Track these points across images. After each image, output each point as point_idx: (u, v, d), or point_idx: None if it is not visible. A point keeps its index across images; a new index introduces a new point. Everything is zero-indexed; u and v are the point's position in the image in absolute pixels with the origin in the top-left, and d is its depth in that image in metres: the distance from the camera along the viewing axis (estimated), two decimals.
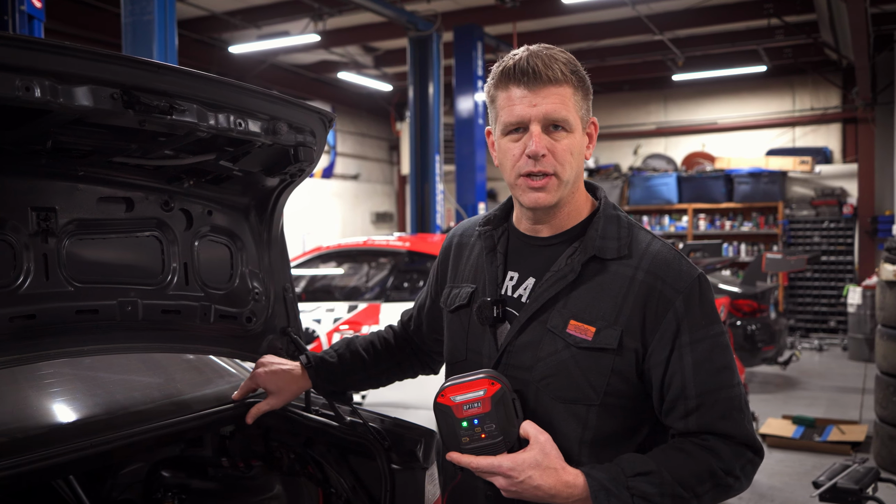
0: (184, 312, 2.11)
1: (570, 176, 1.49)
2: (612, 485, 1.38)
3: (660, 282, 1.47)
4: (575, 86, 1.48)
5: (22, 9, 4.58)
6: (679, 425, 1.47)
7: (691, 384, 1.45)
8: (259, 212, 2.25)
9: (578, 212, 1.57)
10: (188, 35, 10.84)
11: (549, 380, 1.47)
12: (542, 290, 1.51)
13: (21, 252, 1.79)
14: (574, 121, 1.48)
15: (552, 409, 1.47)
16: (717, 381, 1.46)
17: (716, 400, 1.45)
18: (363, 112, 15.77)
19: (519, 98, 1.46)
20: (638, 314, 1.46)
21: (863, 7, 7.33)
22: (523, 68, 1.45)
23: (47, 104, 1.49)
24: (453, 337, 1.69)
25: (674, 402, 1.46)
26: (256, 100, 1.85)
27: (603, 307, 1.47)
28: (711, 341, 1.47)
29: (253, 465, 2.51)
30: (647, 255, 1.50)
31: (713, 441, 1.45)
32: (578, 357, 1.46)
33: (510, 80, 1.47)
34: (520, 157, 1.48)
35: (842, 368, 9.79)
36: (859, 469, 4.22)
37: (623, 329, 1.45)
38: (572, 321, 1.47)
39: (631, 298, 1.46)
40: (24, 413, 2.25)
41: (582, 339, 1.46)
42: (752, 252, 12.70)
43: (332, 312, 5.65)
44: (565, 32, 11.14)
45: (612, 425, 1.48)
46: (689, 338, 1.45)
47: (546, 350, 1.48)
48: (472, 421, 1.44)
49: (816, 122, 13.34)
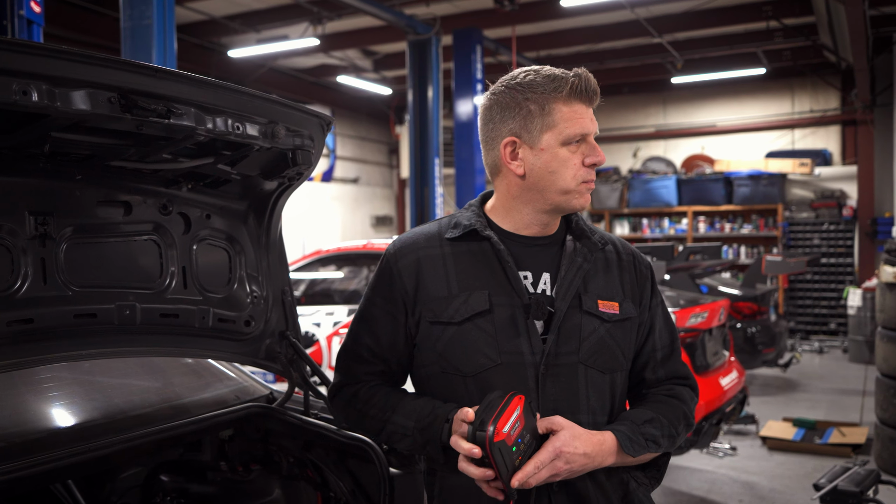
0: (182, 316, 2.10)
1: None
2: (632, 433, 1.62)
3: (635, 259, 1.78)
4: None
5: (21, 13, 4.58)
6: (651, 375, 1.77)
7: (658, 339, 1.77)
8: (257, 215, 2.25)
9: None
10: (187, 39, 10.85)
11: (595, 356, 1.64)
12: (570, 280, 1.66)
13: (19, 256, 1.79)
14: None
15: (600, 381, 1.66)
16: (672, 334, 1.81)
17: (673, 349, 1.80)
18: (363, 116, 15.78)
19: (582, 113, 1.62)
20: (635, 286, 1.75)
21: (861, 9, 7.34)
22: (593, 88, 1.62)
23: (45, 108, 1.49)
24: (472, 345, 1.61)
25: (647, 354, 1.76)
26: (254, 103, 1.86)
27: (612, 286, 1.71)
28: (664, 304, 1.83)
29: (252, 468, 2.51)
30: (615, 241, 1.80)
31: (677, 388, 1.76)
32: (612, 330, 1.67)
33: (577, 95, 1.61)
34: (580, 167, 1.63)
35: (842, 371, 9.78)
36: (860, 471, 4.22)
37: (632, 300, 1.72)
38: (600, 301, 1.67)
39: (626, 275, 1.74)
40: (23, 417, 2.25)
41: (612, 313, 1.68)
42: (752, 254, 12.71)
43: (332, 316, 5.65)
44: (564, 35, 11.16)
45: (626, 384, 1.74)
46: (654, 301, 1.78)
47: (587, 330, 1.65)
48: (517, 441, 1.48)
49: (816, 125, 13.35)
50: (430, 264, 1.67)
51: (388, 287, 1.69)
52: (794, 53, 11.87)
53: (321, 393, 2.31)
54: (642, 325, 1.76)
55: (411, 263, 1.68)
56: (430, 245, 1.69)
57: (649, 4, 9.77)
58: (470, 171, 10.32)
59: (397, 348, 1.71)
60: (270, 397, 2.57)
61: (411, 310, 1.67)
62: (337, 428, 2.22)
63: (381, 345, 1.72)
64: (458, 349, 1.63)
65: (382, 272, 1.71)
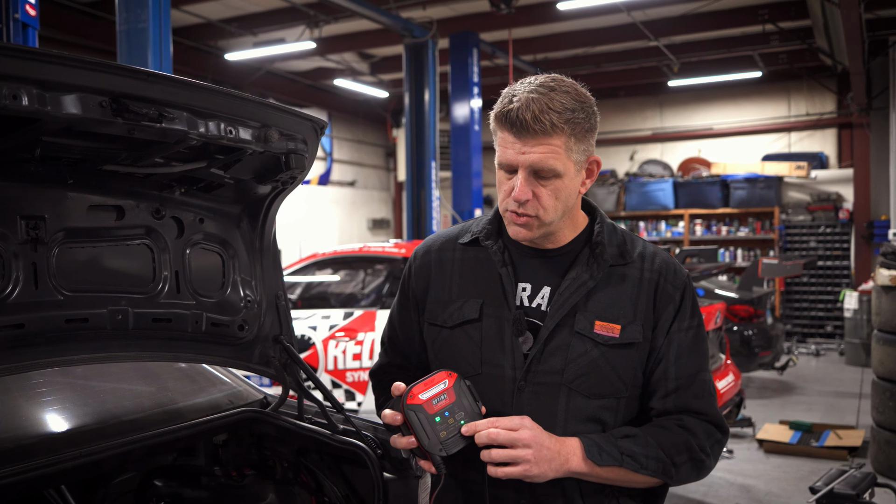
0: (175, 321, 2.09)
1: (553, 217, 1.56)
2: (602, 442, 1.53)
3: (663, 279, 1.62)
4: (569, 134, 1.51)
5: (16, 17, 4.57)
6: (658, 405, 1.62)
7: (673, 367, 1.61)
8: (251, 219, 2.24)
9: (575, 226, 1.67)
10: (184, 42, 10.85)
11: (581, 379, 1.57)
12: (566, 298, 1.59)
13: (10, 261, 1.78)
14: (563, 167, 1.52)
15: (585, 406, 1.57)
16: (695, 365, 1.63)
17: (692, 382, 1.62)
18: (359, 119, 15.78)
19: (510, 143, 1.52)
20: (650, 309, 1.61)
21: (857, 13, 7.36)
22: (513, 119, 1.49)
23: (35, 112, 1.48)
24: (457, 352, 1.65)
25: (656, 383, 1.62)
26: (247, 107, 1.85)
27: (621, 307, 1.60)
28: (695, 331, 1.64)
29: (246, 473, 2.50)
30: (647, 257, 1.64)
31: (688, 420, 1.60)
32: (608, 354, 1.57)
33: (503, 124, 1.53)
34: (507, 195, 1.56)
35: (839, 373, 9.79)
36: (856, 474, 4.22)
37: (642, 323, 1.60)
38: (597, 322, 1.58)
39: (643, 296, 1.61)
40: (16, 422, 2.24)
41: (610, 336, 1.57)
42: (749, 257, 12.73)
43: (328, 319, 5.65)
44: (561, 39, 11.17)
45: (632, 411, 1.64)
46: (678, 326, 1.62)
47: (576, 351, 1.57)
48: (444, 413, 1.51)
49: (812, 128, 13.37)
50: (440, 268, 1.73)
51: (406, 286, 1.80)
52: (791, 57, 11.90)
53: (315, 397, 2.30)
54: (655, 350, 1.61)
55: (424, 265, 1.76)
56: (444, 248, 1.75)
57: (646, 8, 9.78)
58: (466, 175, 10.32)
59: (414, 343, 1.80)
60: (264, 402, 2.56)
61: (421, 309, 1.75)
62: (331, 433, 2.21)
63: (400, 339, 1.83)
64: (447, 353, 1.68)
65: (404, 271, 1.81)
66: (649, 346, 1.61)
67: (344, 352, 5.41)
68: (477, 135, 10.40)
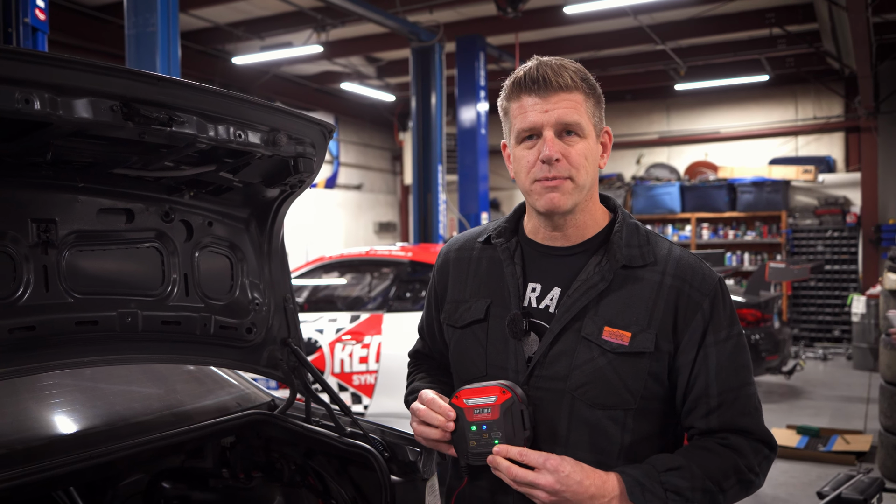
0: (184, 323, 2.10)
1: (585, 180, 1.51)
2: (645, 480, 1.42)
3: (687, 285, 1.51)
4: (586, 93, 1.51)
5: (26, 21, 4.60)
6: (701, 424, 1.51)
7: (714, 383, 1.50)
8: (259, 223, 2.25)
9: (596, 222, 1.60)
10: (192, 46, 10.89)
11: (586, 387, 1.49)
12: (574, 300, 1.52)
13: (21, 264, 1.80)
14: (587, 126, 1.50)
15: (590, 417, 1.49)
16: (737, 379, 1.52)
17: (736, 397, 1.51)
18: (366, 122, 15.81)
19: (531, 105, 1.48)
20: (669, 317, 1.49)
21: (864, 16, 7.34)
22: (534, 77, 1.48)
23: (47, 116, 1.50)
24: (466, 353, 1.64)
25: (696, 401, 1.51)
26: (256, 111, 1.86)
27: (635, 312, 1.50)
28: (734, 341, 1.53)
29: (253, 476, 2.51)
30: (672, 260, 1.54)
31: (734, 438, 1.49)
32: (616, 362, 1.48)
33: (521, 89, 1.50)
34: (534, 164, 1.50)
35: (846, 378, 9.75)
36: (864, 479, 4.20)
37: (657, 332, 1.49)
38: (607, 328, 1.49)
39: (661, 302, 1.50)
40: (25, 424, 2.25)
41: (619, 344, 1.48)
42: (756, 261, 12.68)
43: (335, 322, 5.66)
44: (567, 42, 11.18)
45: (647, 428, 1.52)
46: (713, 338, 1.50)
47: (582, 358, 1.49)
48: (482, 426, 1.48)
49: (819, 132, 13.34)
50: (458, 267, 1.72)
51: (431, 283, 1.79)
52: (798, 60, 11.87)
53: (322, 400, 2.31)
54: (687, 365, 1.50)
55: (444, 264, 1.76)
56: (465, 248, 1.74)
57: (652, 11, 9.78)
58: (473, 178, 10.33)
59: (436, 341, 1.80)
60: (272, 404, 2.57)
61: (441, 307, 1.74)
62: (338, 435, 2.22)
63: (426, 333, 1.84)
64: (458, 353, 1.67)
65: (433, 269, 1.80)
66: (673, 359, 1.51)
67: (350, 355, 5.42)
68: (483, 138, 10.41)
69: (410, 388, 1.78)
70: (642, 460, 1.49)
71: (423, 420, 1.55)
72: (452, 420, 1.50)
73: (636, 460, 1.49)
